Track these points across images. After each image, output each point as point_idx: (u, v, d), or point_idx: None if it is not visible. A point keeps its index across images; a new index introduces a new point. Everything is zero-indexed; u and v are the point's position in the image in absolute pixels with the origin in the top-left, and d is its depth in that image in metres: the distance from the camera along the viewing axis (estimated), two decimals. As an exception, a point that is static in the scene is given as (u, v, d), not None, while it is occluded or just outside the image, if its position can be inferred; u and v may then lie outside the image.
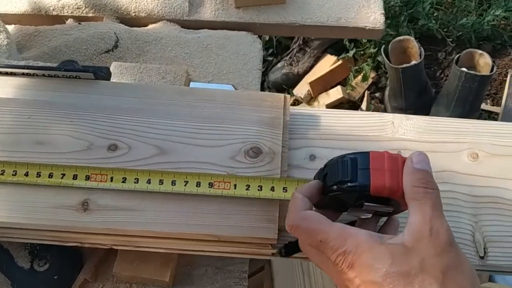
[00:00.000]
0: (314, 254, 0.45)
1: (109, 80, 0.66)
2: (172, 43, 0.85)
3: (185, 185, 0.55)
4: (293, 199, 0.48)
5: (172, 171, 0.55)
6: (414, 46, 1.48)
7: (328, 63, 1.87)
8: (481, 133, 0.63)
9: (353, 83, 1.82)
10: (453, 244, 0.42)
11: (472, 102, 1.38)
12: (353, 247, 0.42)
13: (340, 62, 1.84)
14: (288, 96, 0.62)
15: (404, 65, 1.43)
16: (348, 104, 1.84)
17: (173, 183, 0.55)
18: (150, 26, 0.88)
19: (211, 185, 0.55)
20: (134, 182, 0.55)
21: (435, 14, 1.81)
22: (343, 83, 1.87)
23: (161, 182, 0.55)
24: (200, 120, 0.59)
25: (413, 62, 1.43)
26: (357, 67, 1.84)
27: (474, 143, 0.62)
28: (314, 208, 0.48)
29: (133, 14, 0.88)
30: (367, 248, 0.41)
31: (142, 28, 0.87)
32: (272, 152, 0.57)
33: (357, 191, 0.45)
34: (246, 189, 0.54)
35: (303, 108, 0.64)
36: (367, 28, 0.88)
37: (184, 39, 0.85)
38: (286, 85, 1.90)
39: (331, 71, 1.84)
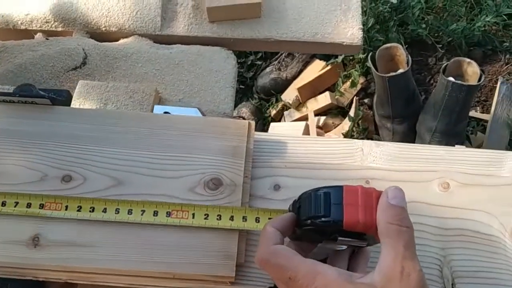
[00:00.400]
0: None
1: (69, 104, 0.63)
2: (143, 60, 0.82)
3: (141, 215, 0.53)
4: (264, 232, 0.46)
5: (128, 200, 0.53)
6: (402, 53, 1.46)
7: (316, 68, 1.84)
8: (454, 160, 0.61)
9: (342, 89, 1.80)
10: (424, 287, 0.40)
11: (459, 112, 1.36)
12: (322, 286, 0.41)
13: (328, 67, 1.81)
14: (253, 122, 0.60)
15: (391, 74, 1.40)
16: (337, 110, 1.81)
17: (130, 212, 0.53)
18: (121, 41, 0.86)
19: (168, 214, 0.53)
20: (90, 211, 0.53)
21: (425, 20, 1.78)
22: (332, 88, 1.84)
23: (117, 211, 0.53)
24: (159, 148, 0.57)
25: (400, 71, 1.40)
26: (346, 73, 1.81)
27: (446, 171, 0.60)
28: (288, 240, 0.48)
29: (103, 29, 0.86)
30: None
31: (112, 43, 0.85)
32: (233, 184, 0.55)
33: (331, 226, 0.44)
34: (205, 219, 0.52)
35: (268, 134, 0.62)
36: (344, 44, 0.86)
37: (155, 55, 0.83)
38: (275, 90, 1.87)
39: (320, 76, 1.81)
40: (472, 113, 1.59)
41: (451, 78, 1.35)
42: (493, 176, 0.60)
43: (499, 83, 1.64)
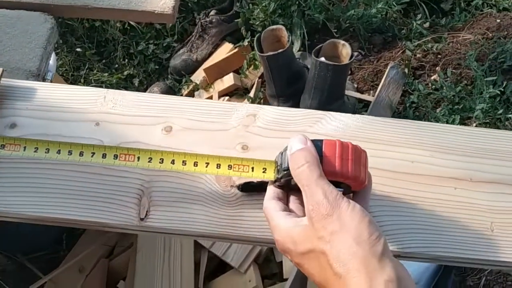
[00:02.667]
0: None
1: None
2: (-39, 21, 0.89)
3: None
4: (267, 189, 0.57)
5: None
6: (285, 35, 1.53)
7: (225, 51, 1.92)
8: (181, 109, 0.68)
9: (247, 71, 1.87)
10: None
11: (329, 90, 1.43)
12: (278, 236, 0.52)
13: (235, 50, 1.89)
14: (1, 69, 0.67)
15: (269, 53, 1.47)
16: (243, 91, 1.88)
17: None
18: None
19: None
20: None
21: (326, 7, 1.84)
22: (240, 70, 1.92)
23: None
24: None
25: (279, 50, 1.48)
26: (251, 56, 1.88)
27: (171, 117, 0.67)
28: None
29: None
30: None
31: None
32: (-39, 119, 0.62)
33: None
34: None
35: (17, 81, 0.69)
36: (156, 12, 0.93)
37: (-25, 17, 0.90)
38: (185, 71, 1.94)
39: (227, 58, 1.88)
40: (357, 95, 1.66)
41: (322, 58, 1.42)
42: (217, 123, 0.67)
43: (389, 67, 1.72)
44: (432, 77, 1.73)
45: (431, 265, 1.28)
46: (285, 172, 0.54)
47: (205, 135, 0.66)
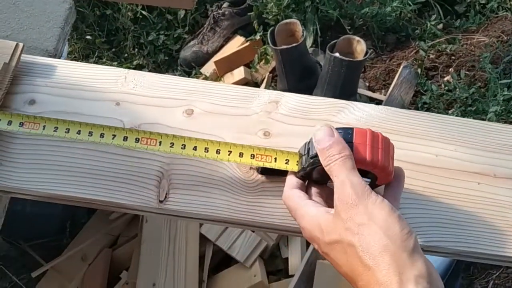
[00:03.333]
0: None
1: None
2: (-20, -2, 0.88)
3: None
4: (287, 178, 0.56)
5: None
6: (300, 29, 1.52)
7: (236, 44, 1.90)
8: (203, 93, 0.67)
9: (258, 65, 1.86)
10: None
11: (342, 86, 1.42)
12: (304, 223, 0.52)
13: (247, 44, 1.88)
14: (21, 44, 0.66)
15: (283, 47, 1.46)
16: (252, 85, 1.87)
17: None
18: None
19: None
20: None
21: (340, 4, 1.83)
22: (251, 64, 1.90)
23: None
24: None
25: (293, 44, 1.46)
26: (263, 50, 1.87)
27: (193, 100, 0.66)
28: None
29: None
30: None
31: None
32: (-20, 91, 0.61)
33: None
34: None
35: (38, 58, 0.67)
36: (175, -4, 0.91)
37: (-7, -5, 0.89)
38: (195, 63, 1.93)
39: (238, 52, 1.87)
40: (369, 94, 1.65)
41: (337, 54, 1.41)
42: (239, 108, 0.66)
43: (401, 66, 1.71)
44: (445, 78, 1.72)
45: (440, 266, 1.26)
46: (312, 160, 0.52)
47: (226, 120, 0.65)
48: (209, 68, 1.91)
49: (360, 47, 1.44)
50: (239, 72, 1.84)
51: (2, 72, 0.63)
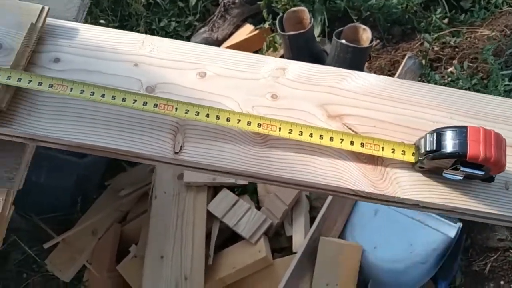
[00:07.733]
0: None
1: None
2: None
3: None
4: None
5: None
6: (308, 17, 1.56)
7: (245, 32, 1.95)
8: (215, 58, 0.72)
9: (267, 53, 1.90)
10: None
11: (347, 72, 1.45)
12: None
13: (256, 32, 1.92)
14: (46, 7, 0.71)
15: (291, 32, 1.51)
16: (260, 72, 1.91)
17: None
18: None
19: None
20: None
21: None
22: (259, 52, 1.95)
23: None
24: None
25: (302, 30, 1.51)
26: (271, 38, 1.91)
27: (204, 64, 0.71)
28: None
29: None
30: None
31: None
32: (10, 48, 0.66)
33: (456, 156, 0.57)
34: None
35: (63, 22, 0.73)
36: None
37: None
38: (205, 50, 1.97)
39: (246, 39, 1.92)
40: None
41: (343, 41, 1.45)
42: (248, 72, 0.71)
43: (406, 57, 1.75)
44: (449, 69, 1.76)
45: (439, 246, 1.30)
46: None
47: (236, 82, 0.70)
48: (218, 54, 1.95)
49: (366, 35, 1.48)
50: (248, 59, 1.88)
51: (29, 32, 0.68)
